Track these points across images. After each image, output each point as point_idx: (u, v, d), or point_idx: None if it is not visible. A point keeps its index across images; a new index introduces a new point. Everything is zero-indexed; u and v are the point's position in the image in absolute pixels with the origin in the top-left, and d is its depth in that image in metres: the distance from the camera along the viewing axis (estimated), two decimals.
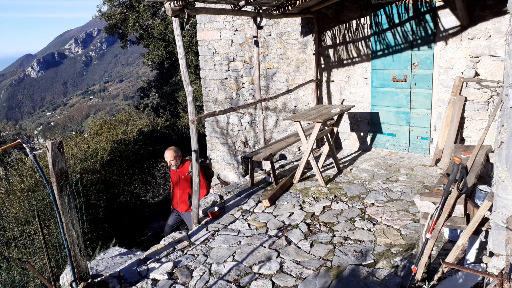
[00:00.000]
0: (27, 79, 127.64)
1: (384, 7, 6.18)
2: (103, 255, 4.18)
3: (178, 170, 4.89)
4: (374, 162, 6.23)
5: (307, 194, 5.12)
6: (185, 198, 4.91)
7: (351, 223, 4.22)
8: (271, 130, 7.99)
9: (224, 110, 5.10)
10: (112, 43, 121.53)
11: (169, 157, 4.81)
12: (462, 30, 5.55)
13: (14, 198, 6.64)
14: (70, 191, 3.01)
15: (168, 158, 4.82)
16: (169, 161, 4.84)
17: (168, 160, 4.84)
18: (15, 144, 2.74)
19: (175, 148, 4.86)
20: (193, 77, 13.33)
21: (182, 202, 4.95)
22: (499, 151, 2.31)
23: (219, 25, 8.05)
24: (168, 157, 4.82)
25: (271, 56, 7.56)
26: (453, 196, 2.63)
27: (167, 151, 4.85)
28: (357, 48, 6.63)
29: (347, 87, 6.90)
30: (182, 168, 4.88)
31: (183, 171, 4.88)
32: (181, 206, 4.98)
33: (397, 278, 3.14)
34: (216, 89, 8.54)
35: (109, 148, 8.91)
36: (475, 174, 3.17)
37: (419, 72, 6.08)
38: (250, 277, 3.35)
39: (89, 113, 77.31)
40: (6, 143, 19.18)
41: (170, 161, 4.82)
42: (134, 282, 3.38)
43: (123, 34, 16.30)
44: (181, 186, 4.90)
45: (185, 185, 4.88)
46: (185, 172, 4.85)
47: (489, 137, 4.57)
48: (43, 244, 2.84)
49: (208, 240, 4.11)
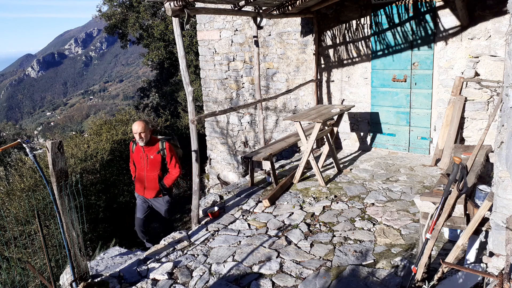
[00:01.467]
0: (27, 79, 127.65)
1: (384, 7, 6.18)
2: (103, 255, 4.18)
3: (146, 148, 4.29)
4: (374, 162, 6.23)
5: (307, 194, 5.11)
6: (155, 182, 4.37)
7: (351, 223, 4.22)
8: (271, 130, 7.99)
9: (224, 110, 5.09)
10: (112, 43, 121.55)
11: (139, 128, 4.17)
12: (462, 30, 5.55)
13: (14, 198, 6.63)
14: (70, 191, 3.01)
15: (137, 130, 4.17)
16: (138, 133, 4.17)
17: (138, 132, 4.17)
18: (15, 144, 2.74)
19: (147, 120, 4.37)
20: (193, 77, 13.34)
21: (151, 187, 4.41)
22: (499, 151, 2.31)
23: (219, 25, 8.05)
24: (137, 129, 4.17)
25: (271, 56, 7.56)
26: (453, 196, 2.63)
27: (136, 122, 4.24)
28: (357, 48, 6.63)
29: (347, 87, 6.90)
30: (151, 147, 4.30)
31: (152, 150, 4.29)
32: (149, 191, 4.44)
33: (397, 278, 3.14)
34: (216, 89, 8.54)
35: (109, 148, 8.91)
36: (475, 174, 3.17)
37: (419, 72, 6.08)
38: (250, 277, 3.35)
39: (89, 113, 77.31)
40: (6, 143, 19.18)
41: (140, 133, 4.17)
42: (134, 282, 3.38)
43: (123, 34, 16.30)
44: (149, 168, 4.33)
45: (154, 167, 4.32)
46: (154, 151, 4.28)
47: (489, 137, 4.57)
48: (43, 244, 2.84)
49: (208, 240, 4.11)
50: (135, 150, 4.46)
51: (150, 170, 4.36)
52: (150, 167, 4.35)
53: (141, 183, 4.47)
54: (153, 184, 4.41)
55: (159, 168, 4.35)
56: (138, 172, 4.47)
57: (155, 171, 4.36)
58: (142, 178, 4.42)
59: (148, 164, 4.33)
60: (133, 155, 4.50)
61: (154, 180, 4.39)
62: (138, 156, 4.40)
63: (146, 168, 4.35)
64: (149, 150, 4.32)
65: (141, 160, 4.37)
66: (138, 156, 4.40)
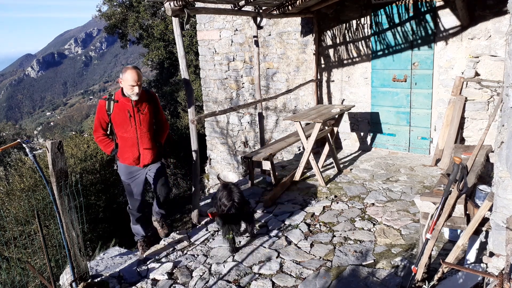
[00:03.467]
0: (27, 79, 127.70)
1: (384, 7, 6.18)
2: (103, 255, 4.17)
3: (137, 103, 3.56)
4: (374, 162, 6.23)
5: (307, 194, 5.11)
6: (151, 142, 3.69)
7: (351, 223, 4.21)
8: (271, 130, 7.99)
9: (224, 110, 5.09)
10: (112, 43, 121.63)
11: (137, 79, 3.44)
12: (462, 30, 5.55)
13: (14, 198, 6.63)
14: (70, 191, 3.00)
15: (137, 79, 3.45)
16: (138, 84, 3.45)
17: (138, 83, 3.45)
18: (15, 144, 2.73)
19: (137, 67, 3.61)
20: (193, 77, 13.34)
21: (147, 151, 3.68)
22: (499, 151, 2.31)
23: (219, 25, 8.04)
24: (137, 78, 3.44)
25: (271, 56, 7.55)
26: (453, 196, 2.63)
27: (132, 70, 3.47)
28: (357, 48, 6.63)
29: (347, 87, 6.90)
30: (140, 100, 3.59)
31: (143, 103, 3.60)
32: (146, 156, 3.69)
33: (397, 278, 3.14)
34: (216, 89, 8.54)
35: None
36: (475, 174, 3.17)
37: (419, 72, 6.08)
38: (250, 277, 3.35)
39: (89, 113, 77.34)
40: (6, 143, 19.18)
41: (138, 84, 3.45)
42: (134, 282, 3.38)
43: (123, 34, 16.30)
44: (142, 126, 3.62)
45: (147, 123, 3.63)
46: (145, 104, 3.61)
47: (489, 137, 4.57)
48: (43, 244, 2.83)
49: (208, 240, 4.11)
50: (114, 109, 3.53)
51: (144, 129, 3.61)
52: (143, 125, 3.61)
53: (132, 149, 3.64)
54: (150, 144, 3.68)
55: (152, 124, 3.70)
56: (125, 137, 3.61)
57: (150, 128, 3.68)
58: (133, 142, 3.62)
59: (141, 121, 3.59)
60: (113, 116, 3.55)
61: (150, 140, 3.68)
62: (124, 116, 3.54)
63: (138, 127, 3.59)
64: (140, 104, 3.58)
65: (129, 120, 3.56)
66: (123, 115, 3.54)
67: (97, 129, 3.68)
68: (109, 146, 3.73)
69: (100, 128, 3.66)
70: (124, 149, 3.68)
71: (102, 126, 3.65)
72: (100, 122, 3.63)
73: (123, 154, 3.70)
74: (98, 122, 3.63)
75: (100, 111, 3.59)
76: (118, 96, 3.59)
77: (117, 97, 3.58)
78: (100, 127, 3.65)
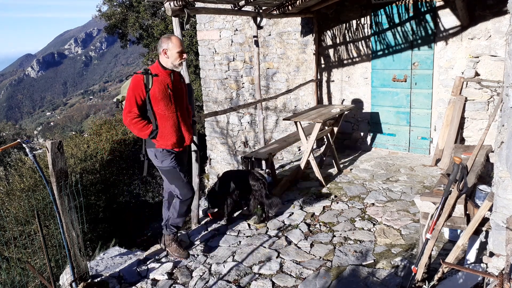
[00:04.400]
0: (27, 79, 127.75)
1: (384, 7, 6.18)
2: (103, 255, 4.18)
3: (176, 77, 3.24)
4: (374, 162, 6.23)
5: (307, 194, 5.11)
6: (188, 122, 3.38)
7: (351, 223, 4.21)
8: (271, 130, 7.99)
9: (224, 110, 5.09)
10: (112, 43, 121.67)
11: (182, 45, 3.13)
12: (462, 30, 5.55)
13: (14, 198, 6.63)
14: (70, 191, 3.00)
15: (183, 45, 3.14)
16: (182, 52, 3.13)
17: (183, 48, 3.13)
18: (15, 144, 2.73)
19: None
20: (193, 77, 13.34)
21: (188, 130, 3.34)
22: (499, 151, 2.31)
23: (219, 25, 8.05)
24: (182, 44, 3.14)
25: (271, 56, 7.55)
26: (453, 196, 2.63)
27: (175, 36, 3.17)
28: (357, 48, 6.63)
29: (347, 87, 6.90)
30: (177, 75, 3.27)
31: (179, 79, 3.31)
32: (188, 136, 3.35)
33: (397, 278, 3.14)
34: (216, 89, 8.54)
35: (109, 148, 8.92)
36: (475, 174, 3.17)
37: (419, 72, 6.08)
38: (250, 277, 3.35)
39: (89, 113, 77.40)
40: (6, 143, 19.17)
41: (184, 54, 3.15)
42: (134, 282, 3.38)
43: (123, 34, 16.30)
44: (183, 103, 3.31)
45: (183, 101, 3.31)
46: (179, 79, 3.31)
47: (489, 137, 4.57)
48: (43, 244, 2.83)
49: (208, 240, 4.11)
50: (154, 84, 3.07)
51: (182, 106, 3.28)
52: (182, 102, 3.28)
53: (175, 130, 3.22)
54: (188, 124, 3.35)
55: (187, 102, 3.39)
56: (166, 116, 3.17)
57: (187, 107, 3.39)
58: (174, 121, 3.20)
59: (179, 98, 3.24)
60: (152, 93, 3.08)
61: (188, 119, 3.36)
62: (165, 91, 3.12)
63: (178, 105, 3.22)
64: (177, 79, 3.25)
65: (171, 96, 3.15)
66: (164, 91, 3.11)
67: (131, 109, 3.08)
68: (146, 128, 3.14)
69: (136, 107, 3.08)
70: (164, 130, 3.18)
71: (138, 105, 3.09)
72: (135, 99, 3.06)
73: (164, 136, 3.20)
74: (134, 100, 3.06)
75: (136, 86, 3.05)
76: (156, 69, 3.15)
77: (155, 70, 3.13)
78: (136, 105, 3.08)
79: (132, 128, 3.15)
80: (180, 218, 3.56)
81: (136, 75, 3.08)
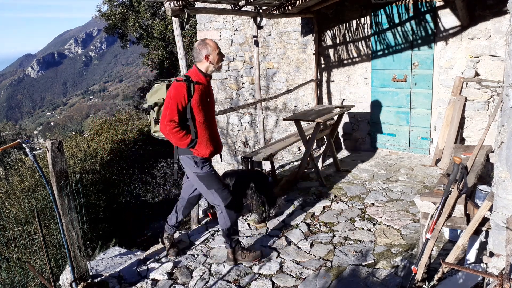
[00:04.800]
0: (27, 79, 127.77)
1: (384, 7, 6.18)
2: (103, 255, 4.18)
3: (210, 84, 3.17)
4: (374, 162, 6.23)
5: (307, 194, 5.11)
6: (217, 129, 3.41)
7: (351, 223, 4.21)
8: (271, 130, 7.99)
9: (224, 110, 5.09)
10: (112, 43, 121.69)
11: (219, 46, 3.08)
12: (462, 30, 5.55)
13: (14, 198, 6.64)
14: (70, 191, 3.00)
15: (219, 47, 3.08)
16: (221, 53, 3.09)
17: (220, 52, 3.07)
18: (15, 144, 2.74)
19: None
20: None
21: (219, 136, 3.37)
22: (499, 151, 2.31)
23: (219, 25, 8.05)
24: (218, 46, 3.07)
25: (271, 56, 7.55)
26: (453, 196, 2.63)
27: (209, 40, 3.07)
28: (357, 48, 6.63)
29: (347, 87, 6.90)
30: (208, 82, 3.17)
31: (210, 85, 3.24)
32: (221, 143, 3.37)
33: (397, 278, 3.14)
34: (216, 89, 8.54)
35: (109, 148, 8.92)
36: (475, 174, 3.17)
37: (419, 72, 6.08)
38: (250, 277, 3.35)
39: (89, 113, 77.40)
40: (6, 143, 19.17)
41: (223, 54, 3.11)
42: (134, 282, 3.38)
43: (123, 34, 16.31)
44: (214, 110, 3.29)
45: (214, 108, 3.31)
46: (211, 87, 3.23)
47: (489, 137, 4.57)
48: (43, 244, 2.83)
49: (208, 240, 4.11)
50: (195, 91, 2.98)
51: (214, 114, 3.27)
52: (214, 109, 3.26)
53: (213, 138, 3.20)
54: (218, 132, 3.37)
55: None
56: (206, 125, 3.10)
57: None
58: (213, 130, 3.18)
59: (214, 105, 3.25)
60: (196, 100, 2.99)
61: (217, 127, 3.37)
62: (205, 100, 3.05)
63: (213, 113, 3.24)
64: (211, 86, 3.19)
65: (210, 103, 3.11)
66: (204, 99, 3.04)
67: (173, 117, 2.94)
68: (186, 138, 3.03)
69: (177, 115, 2.95)
70: (203, 139, 3.10)
71: (180, 113, 2.97)
72: (177, 108, 2.94)
73: (204, 145, 3.12)
74: (175, 108, 2.93)
75: (179, 94, 2.93)
76: (197, 76, 3.04)
77: (195, 78, 3.02)
78: (177, 114, 2.95)
79: (171, 137, 3.03)
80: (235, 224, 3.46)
81: (178, 83, 2.96)
